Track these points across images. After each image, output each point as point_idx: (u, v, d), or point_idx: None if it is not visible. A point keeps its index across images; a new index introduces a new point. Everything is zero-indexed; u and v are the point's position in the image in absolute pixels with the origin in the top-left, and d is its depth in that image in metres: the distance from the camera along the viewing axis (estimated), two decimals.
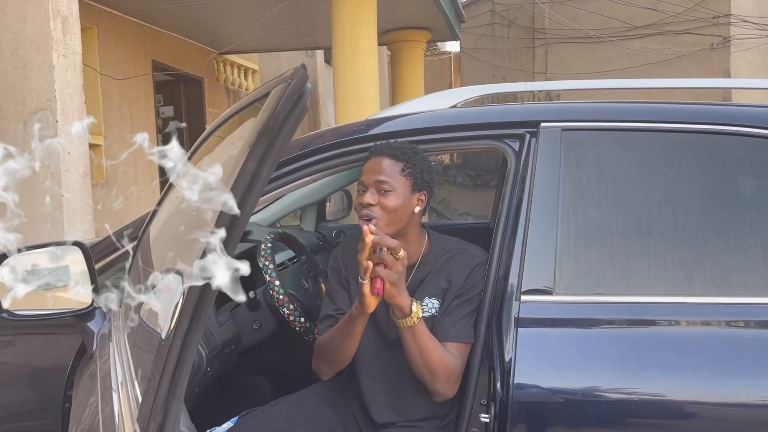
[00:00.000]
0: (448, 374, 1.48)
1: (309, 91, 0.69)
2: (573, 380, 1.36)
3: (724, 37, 9.09)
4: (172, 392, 0.72)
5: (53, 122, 4.07)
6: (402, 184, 1.54)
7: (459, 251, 1.60)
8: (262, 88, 0.82)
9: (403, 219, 1.55)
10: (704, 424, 1.33)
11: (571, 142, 1.51)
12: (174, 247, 1.16)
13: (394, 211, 1.53)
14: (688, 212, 1.43)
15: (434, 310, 1.57)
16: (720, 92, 7.25)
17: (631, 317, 1.39)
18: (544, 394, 1.36)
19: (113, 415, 0.93)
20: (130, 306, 1.37)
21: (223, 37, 7.68)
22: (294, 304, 1.87)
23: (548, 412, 1.35)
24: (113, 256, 1.76)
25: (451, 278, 1.56)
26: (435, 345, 1.49)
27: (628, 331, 1.40)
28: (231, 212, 0.64)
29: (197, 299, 0.73)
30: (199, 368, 1.67)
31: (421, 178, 1.57)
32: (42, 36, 4.03)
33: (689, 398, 1.33)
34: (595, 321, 1.41)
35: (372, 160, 1.57)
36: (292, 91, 0.67)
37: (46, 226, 4.05)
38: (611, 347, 1.38)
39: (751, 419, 1.32)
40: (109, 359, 1.19)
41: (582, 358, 1.38)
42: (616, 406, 1.33)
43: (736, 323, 1.37)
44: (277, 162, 0.68)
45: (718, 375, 1.33)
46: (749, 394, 1.32)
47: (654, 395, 1.33)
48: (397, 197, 1.53)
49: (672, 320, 1.39)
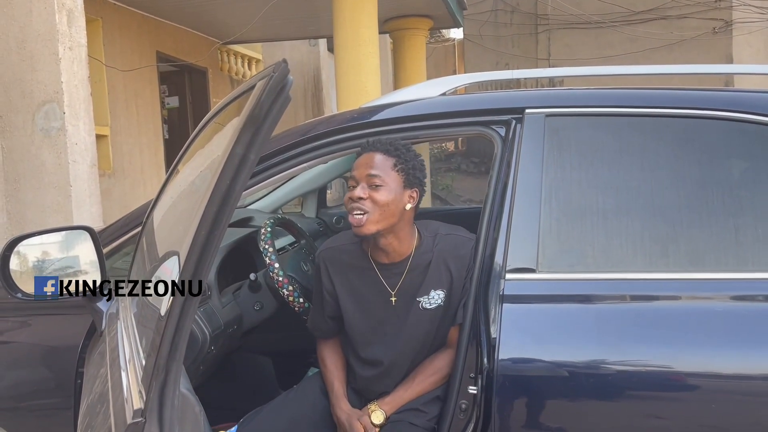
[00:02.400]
0: (446, 371, 1.59)
1: (291, 82, 0.76)
2: (555, 353, 1.42)
3: (726, 21, 9.07)
4: (173, 354, 0.80)
5: (60, 114, 4.12)
6: (393, 179, 1.56)
7: (449, 236, 1.64)
8: (250, 80, 0.90)
9: (394, 215, 1.55)
10: (679, 393, 1.39)
11: (554, 128, 1.57)
12: (174, 228, 1.24)
13: (386, 205, 1.53)
14: (664, 193, 1.50)
15: (440, 301, 1.61)
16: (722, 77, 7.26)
17: (610, 293, 1.46)
18: (528, 367, 1.42)
19: (121, 380, 1.02)
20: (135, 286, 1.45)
21: (226, 27, 7.73)
22: (293, 286, 1.95)
23: (532, 384, 1.41)
24: (119, 241, 1.84)
25: (450, 267, 1.60)
26: (415, 382, 1.61)
27: (607, 307, 1.47)
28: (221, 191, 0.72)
29: (193, 269, 0.81)
30: (202, 346, 1.75)
31: (413, 175, 1.58)
32: (48, 29, 4.07)
33: (665, 369, 1.40)
34: (575, 297, 1.47)
35: (364, 156, 1.59)
36: (274, 83, 0.74)
37: (55, 215, 4.14)
38: (591, 322, 1.45)
39: (724, 389, 1.38)
40: (117, 335, 1.28)
41: (563, 333, 1.44)
42: (596, 378, 1.39)
43: (709, 298, 1.44)
44: (263, 147, 0.76)
45: (692, 346, 1.40)
46: (721, 365, 1.38)
47: (631, 366, 1.39)
48: (389, 192, 1.54)
49: (648, 295, 1.45)
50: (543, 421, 1.42)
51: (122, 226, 1.89)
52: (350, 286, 1.65)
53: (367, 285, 1.63)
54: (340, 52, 5.69)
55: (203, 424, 0.99)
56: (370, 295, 1.63)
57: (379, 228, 1.54)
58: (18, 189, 4.17)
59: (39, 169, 4.13)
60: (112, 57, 6.49)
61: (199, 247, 0.83)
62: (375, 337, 1.65)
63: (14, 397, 1.80)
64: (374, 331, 1.65)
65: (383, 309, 1.63)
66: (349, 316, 1.65)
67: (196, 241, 0.83)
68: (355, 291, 1.64)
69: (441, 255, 1.61)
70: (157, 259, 1.31)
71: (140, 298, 1.32)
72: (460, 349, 1.53)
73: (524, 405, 1.43)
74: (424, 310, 1.60)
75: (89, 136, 4.34)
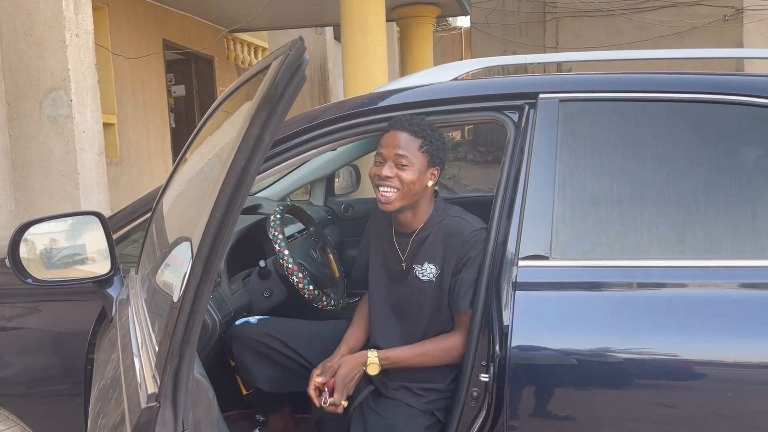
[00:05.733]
0: (451, 353, 1.61)
1: (307, 61, 0.75)
2: (567, 341, 1.41)
3: (737, 9, 8.96)
4: (186, 339, 0.79)
5: (68, 101, 4.12)
6: (419, 160, 1.62)
7: (454, 218, 1.66)
8: (264, 60, 0.88)
9: (417, 193, 1.63)
10: (693, 382, 1.38)
11: (568, 113, 1.55)
12: (185, 214, 1.23)
13: (411, 184, 1.61)
14: (679, 179, 1.48)
15: (432, 276, 1.64)
16: (732, 63, 7.18)
17: (623, 280, 1.44)
18: (540, 354, 1.41)
19: (134, 365, 1.01)
20: (147, 272, 1.44)
21: (232, 15, 7.69)
22: (303, 273, 1.94)
23: (544, 372, 1.40)
24: (128, 227, 1.83)
25: (446, 244, 1.63)
26: (419, 348, 1.64)
27: (620, 294, 1.45)
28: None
29: (207, 255, 0.79)
30: (213, 333, 1.75)
31: (437, 155, 1.65)
32: (54, 16, 4.07)
33: (678, 357, 1.38)
34: (589, 284, 1.46)
35: (391, 134, 1.63)
36: (290, 62, 0.73)
37: (63, 203, 4.14)
38: (604, 309, 1.44)
39: (739, 378, 1.37)
40: (128, 321, 1.27)
41: (576, 320, 1.43)
42: (609, 365, 1.38)
43: (725, 285, 1.42)
44: (279, 128, 0.75)
45: (707, 335, 1.38)
46: (735, 353, 1.37)
47: (644, 354, 1.38)
48: (414, 172, 1.61)
49: (663, 283, 1.44)
50: (554, 409, 1.41)
51: (130, 213, 1.88)
52: (377, 246, 1.78)
53: (387, 248, 1.75)
54: (347, 39, 5.65)
55: (216, 409, 0.98)
56: (389, 257, 1.74)
57: (402, 204, 1.63)
58: (26, 177, 4.17)
59: (47, 157, 4.13)
60: (119, 45, 6.47)
61: (213, 231, 0.82)
62: (389, 295, 1.73)
63: (26, 383, 1.80)
64: (389, 290, 1.73)
65: (396, 271, 1.71)
66: (372, 270, 1.78)
67: (210, 225, 0.82)
68: (379, 251, 1.77)
69: (440, 231, 1.65)
70: (167, 246, 1.30)
71: (151, 284, 1.31)
72: (472, 337, 1.52)
73: (536, 393, 1.42)
74: (418, 279, 1.66)
75: (96, 123, 4.34)
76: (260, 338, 1.84)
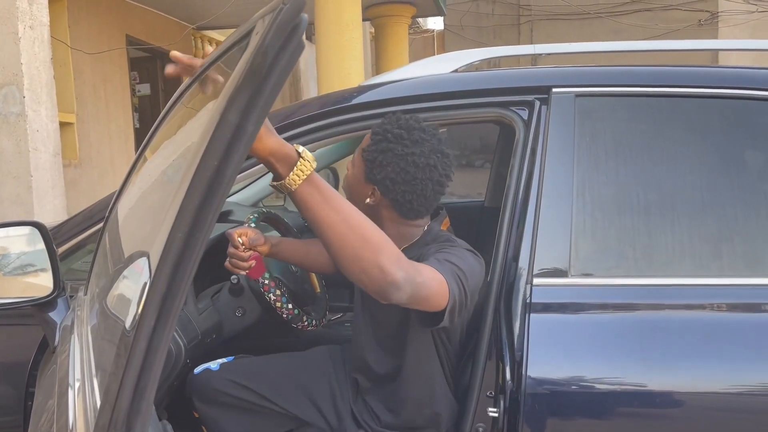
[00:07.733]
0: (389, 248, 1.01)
1: (305, 21, 0.54)
2: (591, 370, 1.25)
3: (712, 13, 9.01)
4: (136, 406, 0.56)
5: (20, 97, 3.87)
6: (358, 164, 1.35)
7: (437, 240, 1.36)
8: (245, 25, 0.66)
9: (357, 203, 1.25)
10: (736, 414, 1.22)
11: (586, 109, 1.38)
12: (144, 223, 1.01)
13: (347, 188, 1.40)
14: (715, 185, 1.31)
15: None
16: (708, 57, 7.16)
17: (655, 301, 1.27)
18: (560, 385, 1.24)
19: (67, 427, 0.78)
20: (96, 292, 1.21)
21: (199, 11, 7.41)
22: (281, 290, 1.72)
23: (565, 405, 1.24)
24: (79, 238, 1.58)
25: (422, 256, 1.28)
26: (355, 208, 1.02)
27: (651, 316, 1.28)
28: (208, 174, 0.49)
29: (169, 279, 0.57)
30: (177, 360, 1.52)
31: (372, 170, 1.31)
32: (6, 5, 3.85)
33: (717, 389, 1.22)
34: (614, 305, 1.29)
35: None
36: (283, 21, 0.51)
37: (14, 208, 3.85)
38: (633, 334, 1.26)
39: None
40: (69, 357, 1.03)
41: (601, 346, 1.26)
42: (639, 398, 1.23)
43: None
44: (266, 114, 0.53)
45: (751, 362, 1.21)
46: None
47: (679, 386, 1.23)
48: (352, 175, 1.38)
49: (698, 304, 1.27)
50: None
51: (83, 221, 1.64)
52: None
53: None
54: (321, 37, 5.43)
55: None
56: None
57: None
58: None
59: None
60: (78, 39, 6.14)
61: (178, 247, 0.59)
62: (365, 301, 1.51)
63: None
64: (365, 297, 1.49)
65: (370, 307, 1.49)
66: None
67: (172, 238, 0.60)
68: None
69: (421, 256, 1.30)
70: (122, 261, 1.08)
71: (101, 307, 1.08)
72: (477, 365, 1.33)
73: (556, 430, 1.23)
74: None
75: (52, 122, 4.08)
76: (224, 389, 1.60)
